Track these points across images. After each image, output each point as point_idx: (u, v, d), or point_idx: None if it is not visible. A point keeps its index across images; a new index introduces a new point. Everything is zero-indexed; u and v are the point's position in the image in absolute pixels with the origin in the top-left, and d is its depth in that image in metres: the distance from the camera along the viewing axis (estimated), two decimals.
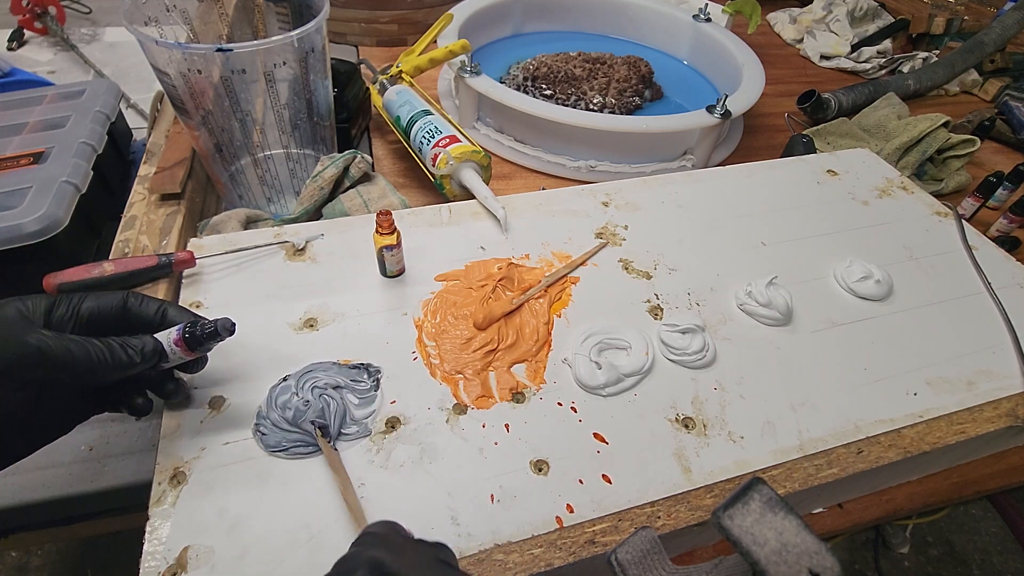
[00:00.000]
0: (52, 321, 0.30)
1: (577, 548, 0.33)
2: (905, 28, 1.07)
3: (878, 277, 0.48)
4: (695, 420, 0.39)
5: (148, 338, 0.32)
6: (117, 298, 0.33)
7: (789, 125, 0.87)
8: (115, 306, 0.32)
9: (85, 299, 0.32)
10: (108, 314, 0.32)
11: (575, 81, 0.79)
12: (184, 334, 0.32)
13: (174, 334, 0.32)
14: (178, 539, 0.31)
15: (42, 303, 0.30)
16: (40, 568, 1.12)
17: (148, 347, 0.31)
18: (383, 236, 0.43)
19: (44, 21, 0.83)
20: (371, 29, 0.91)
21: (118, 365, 0.30)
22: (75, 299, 0.31)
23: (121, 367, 0.30)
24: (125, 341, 0.31)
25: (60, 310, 0.31)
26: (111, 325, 0.32)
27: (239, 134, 0.52)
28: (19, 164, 0.48)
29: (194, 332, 0.32)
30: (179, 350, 0.32)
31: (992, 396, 0.42)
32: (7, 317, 0.28)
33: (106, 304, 0.32)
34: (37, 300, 0.30)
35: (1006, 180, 0.68)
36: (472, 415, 0.38)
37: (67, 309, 0.31)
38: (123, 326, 0.33)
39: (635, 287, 0.48)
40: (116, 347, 0.30)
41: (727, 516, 0.25)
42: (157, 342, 0.32)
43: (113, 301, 0.32)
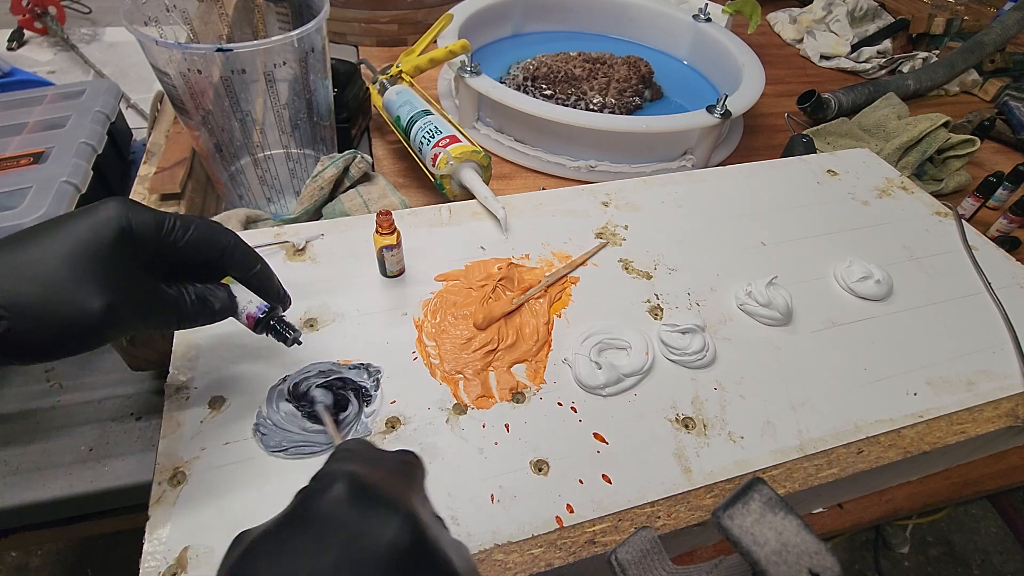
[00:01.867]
0: (159, 246, 0.29)
1: (577, 548, 0.33)
2: (905, 28, 1.07)
3: (878, 277, 0.48)
4: (695, 420, 0.39)
5: (223, 294, 0.32)
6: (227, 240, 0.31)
7: (789, 125, 0.87)
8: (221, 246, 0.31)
9: (195, 227, 0.30)
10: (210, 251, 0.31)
11: (575, 81, 0.79)
12: (260, 315, 0.34)
13: (252, 308, 0.33)
14: (178, 539, 0.31)
15: (151, 223, 0.28)
16: (40, 568, 1.12)
17: (226, 305, 0.32)
18: (383, 236, 0.43)
19: (44, 21, 0.82)
20: (371, 29, 0.91)
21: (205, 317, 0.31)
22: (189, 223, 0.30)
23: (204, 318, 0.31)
24: (211, 293, 0.31)
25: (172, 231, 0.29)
26: (208, 261, 0.31)
27: (239, 134, 0.52)
28: (19, 164, 0.48)
29: (267, 322, 0.34)
30: (248, 323, 0.34)
31: (992, 396, 0.42)
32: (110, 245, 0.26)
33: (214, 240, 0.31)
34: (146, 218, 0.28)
35: (1006, 180, 0.68)
36: (472, 415, 0.38)
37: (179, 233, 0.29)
38: (217, 267, 0.32)
39: (635, 287, 0.48)
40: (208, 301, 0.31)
41: (727, 516, 0.25)
42: (232, 301, 0.33)
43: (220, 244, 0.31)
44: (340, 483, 0.20)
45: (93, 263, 0.25)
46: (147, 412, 0.46)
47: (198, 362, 0.39)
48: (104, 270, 0.25)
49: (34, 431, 0.44)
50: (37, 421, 0.44)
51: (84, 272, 0.25)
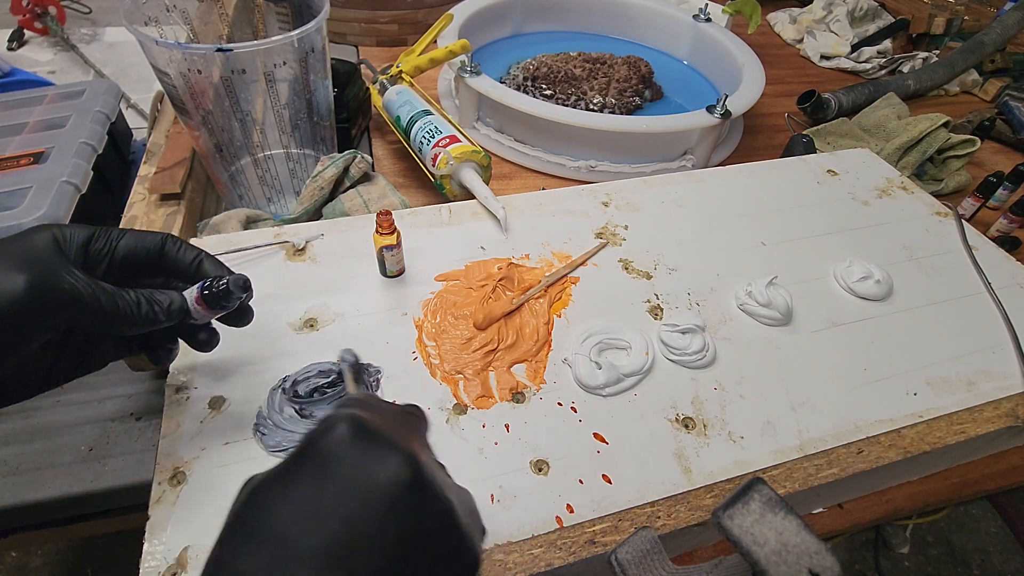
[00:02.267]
0: (89, 254, 0.29)
1: (577, 548, 0.33)
2: (905, 28, 1.07)
3: (878, 277, 0.48)
4: (695, 420, 0.39)
5: (176, 295, 0.31)
6: (156, 240, 0.32)
7: (789, 125, 0.87)
8: (153, 248, 0.31)
9: (124, 236, 0.31)
10: (145, 255, 0.31)
11: (575, 81, 0.79)
12: (203, 292, 0.31)
13: (195, 292, 0.31)
14: (178, 539, 0.31)
15: (81, 234, 0.29)
16: (40, 568, 1.12)
17: (175, 305, 0.30)
18: (383, 236, 0.43)
19: (44, 21, 0.82)
20: (371, 29, 0.91)
21: (145, 320, 0.29)
22: (115, 234, 0.30)
23: (147, 322, 0.29)
24: (152, 296, 0.30)
25: (98, 244, 0.30)
26: (146, 267, 0.31)
27: (239, 134, 0.52)
28: (19, 164, 0.48)
29: (211, 290, 0.31)
30: (201, 309, 0.31)
31: (992, 396, 0.42)
32: (41, 247, 0.27)
33: (144, 245, 0.31)
34: (77, 231, 0.29)
35: (1006, 180, 0.68)
36: (472, 415, 0.38)
37: (105, 244, 0.30)
38: (158, 270, 0.32)
39: (635, 287, 0.48)
40: (144, 303, 0.29)
41: (727, 516, 0.25)
42: (183, 300, 0.31)
43: (152, 243, 0.31)
44: (343, 423, 0.21)
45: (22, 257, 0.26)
46: (147, 412, 0.46)
47: (198, 362, 0.39)
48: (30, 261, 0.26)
49: (34, 431, 0.44)
50: (37, 421, 0.44)
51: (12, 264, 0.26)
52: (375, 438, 0.21)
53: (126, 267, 0.31)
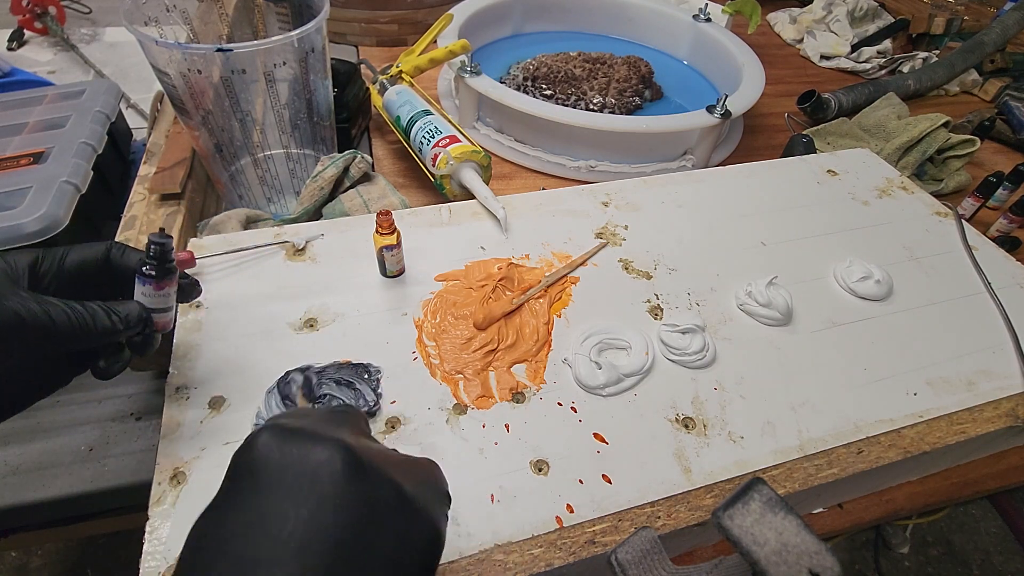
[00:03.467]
0: (37, 276, 0.29)
1: (577, 548, 0.33)
2: (905, 28, 1.07)
3: (878, 277, 0.48)
4: (695, 420, 0.39)
5: (134, 305, 0.30)
6: (101, 249, 0.32)
7: (789, 125, 0.87)
8: (98, 258, 0.31)
9: (69, 252, 0.31)
10: (92, 266, 0.31)
11: (575, 81, 0.79)
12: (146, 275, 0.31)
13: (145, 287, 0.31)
14: (178, 539, 0.31)
15: (25, 259, 0.29)
16: (40, 568, 1.12)
17: (133, 315, 0.30)
18: (383, 236, 0.43)
19: (44, 21, 0.83)
20: (371, 29, 0.91)
21: (102, 332, 0.29)
22: (59, 252, 0.31)
23: (105, 334, 0.29)
24: (110, 307, 0.29)
25: (44, 264, 0.30)
26: (97, 277, 0.31)
27: (239, 134, 0.52)
28: (19, 164, 0.48)
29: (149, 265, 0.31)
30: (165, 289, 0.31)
31: (992, 396, 0.42)
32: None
33: (90, 256, 0.31)
34: (20, 256, 0.29)
35: (1006, 180, 0.68)
36: (472, 415, 0.38)
37: (52, 263, 0.30)
38: (108, 278, 0.32)
39: (635, 287, 0.48)
40: (100, 313, 0.29)
41: (727, 516, 0.25)
42: (141, 306, 0.31)
43: (96, 252, 0.32)
44: (262, 433, 0.20)
45: None
46: (147, 412, 0.46)
47: (198, 362, 0.39)
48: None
49: (34, 431, 0.44)
50: (37, 421, 0.44)
51: None
52: (296, 435, 0.20)
53: (78, 281, 0.31)
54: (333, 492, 0.19)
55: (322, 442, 0.20)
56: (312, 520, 0.18)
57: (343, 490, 0.19)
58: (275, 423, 0.21)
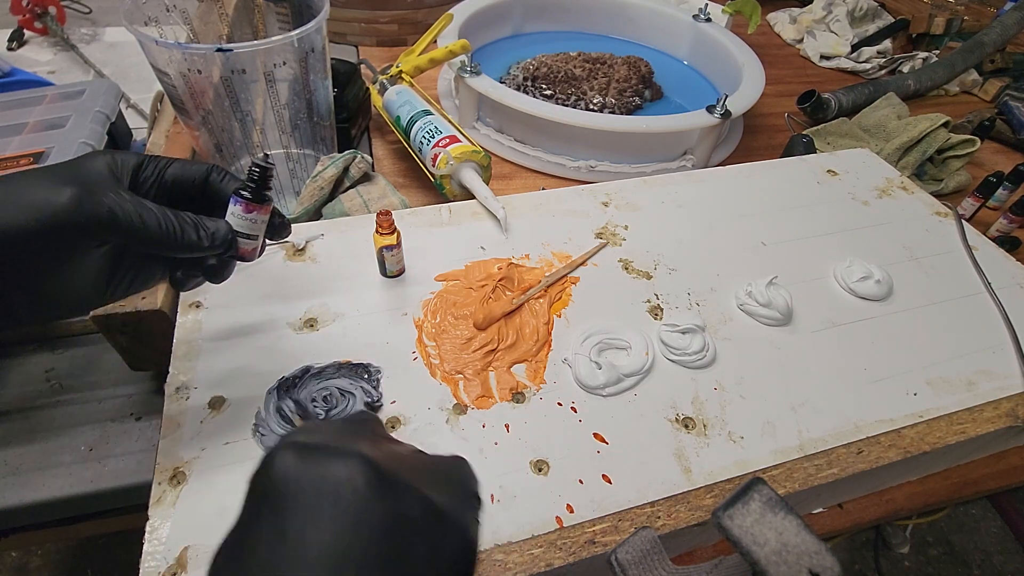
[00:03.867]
0: (138, 180, 0.30)
1: (577, 548, 0.33)
2: (905, 28, 1.07)
3: (878, 277, 0.48)
4: (695, 420, 0.39)
5: (223, 223, 0.31)
6: (202, 169, 0.32)
7: (789, 125, 0.87)
8: (198, 177, 0.32)
9: (172, 164, 0.31)
10: (191, 183, 0.32)
11: (575, 81, 0.79)
12: (242, 196, 0.31)
13: (237, 207, 0.31)
14: (178, 539, 0.31)
15: (132, 160, 0.30)
16: (40, 568, 1.12)
17: (221, 232, 0.30)
18: (383, 236, 0.43)
19: (44, 21, 0.82)
20: (371, 29, 0.91)
21: (188, 244, 0.29)
22: (162, 162, 0.31)
23: (190, 247, 0.29)
24: (200, 221, 0.30)
25: (147, 171, 0.30)
26: (193, 195, 0.32)
27: (239, 134, 0.52)
28: (19, 164, 0.48)
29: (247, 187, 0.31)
30: (255, 214, 0.32)
31: (992, 396, 0.42)
32: (95, 170, 0.28)
33: (190, 173, 0.32)
34: (127, 157, 0.30)
35: (1006, 180, 0.68)
36: (472, 415, 0.38)
37: (153, 170, 0.31)
38: (205, 199, 0.32)
39: (635, 287, 0.48)
40: (189, 225, 0.29)
41: (727, 516, 0.25)
42: (229, 227, 0.31)
43: (197, 172, 0.32)
44: (280, 452, 0.20)
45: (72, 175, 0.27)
46: (147, 412, 0.46)
47: (198, 362, 0.39)
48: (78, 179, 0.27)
49: (34, 431, 0.44)
50: (37, 421, 0.44)
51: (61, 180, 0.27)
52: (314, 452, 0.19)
53: (174, 193, 0.31)
54: (357, 511, 0.18)
55: (342, 457, 0.19)
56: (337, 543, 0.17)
57: (367, 508, 0.18)
58: (291, 440, 0.20)
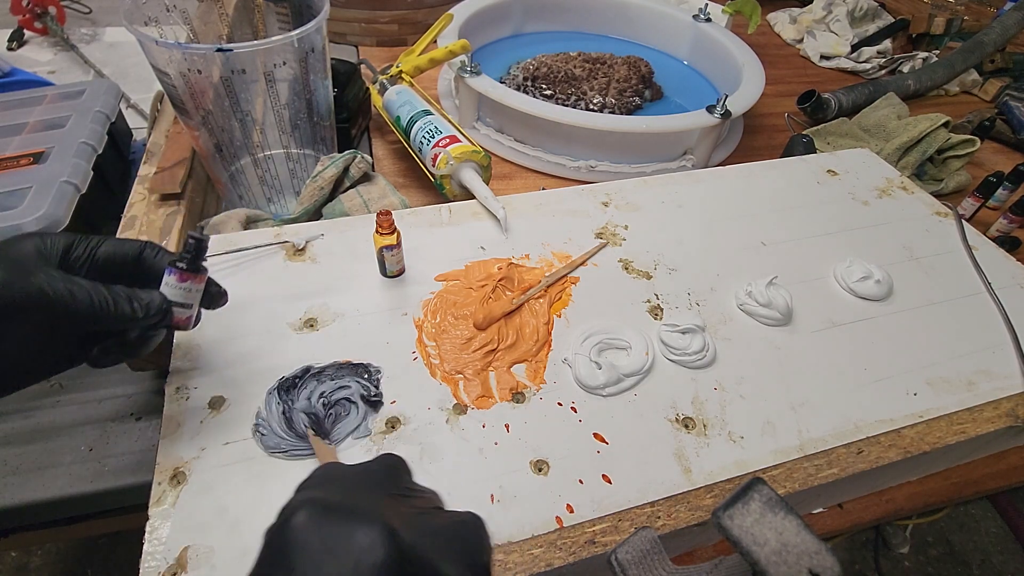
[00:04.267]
0: (68, 260, 0.30)
1: (577, 548, 0.33)
2: (905, 28, 1.07)
3: (878, 277, 0.48)
4: (695, 420, 0.39)
5: (157, 294, 0.31)
6: (135, 247, 0.32)
7: (789, 125, 0.87)
8: (131, 254, 0.32)
9: (103, 243, 0.32)
10: (124, 261, 0.32)
11: (575, 81, 0.79)
12: (177, 266, 0.32)
13: (171, 277, 0.32)
14: (178, 539, 0.31)
15: (61, 242, 0.30)
16: (40, 568, 1.12)
17: (155, 302, 0.31)
18: (383, 236, 0.43)
19: (44, 21, 0.82)
20: (371, 29, 0.91)
21: (121, 316, 0.29)
22: (93, 241, 0.31)
23: (124, 318, 0.29)
24: (133, 293, 0.30)
25: (77, 251, 0.31)
26: (126, 273, 0.32)
27: (239, 134, 0.52)
28: (19, 164, 0.48)
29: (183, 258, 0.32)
30: (188, 283, 0.32)
31: (992, 396, 0.42)
32: (23, 251, 0.28)
33: (123, 251, 0.32)
34: (57, 238, 0.30)
35: (1006, 180, 0.68)
36: (472, 415, 0.38)
37: (84, 250, 0.31)
38: (138, 276, 0.32)
39: (635, 287, 0.48)
40: (122, 298, 0.29)
41: (727, 516, 0.25)
42: (164, 298, 0.31)
43: (130, 249, 0.32)
44: (301, 511, 0.20)
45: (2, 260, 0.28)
46: (147, 412, 0.46)
47: (198, 362, 0.39)
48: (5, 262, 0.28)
49: (34, 431, 0.44)
50: (37, 421, 0.44)
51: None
52: (337, 518, 0.19)
53: (106, 272, 0.31)
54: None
55: (365, 524, 0.19)
56: None
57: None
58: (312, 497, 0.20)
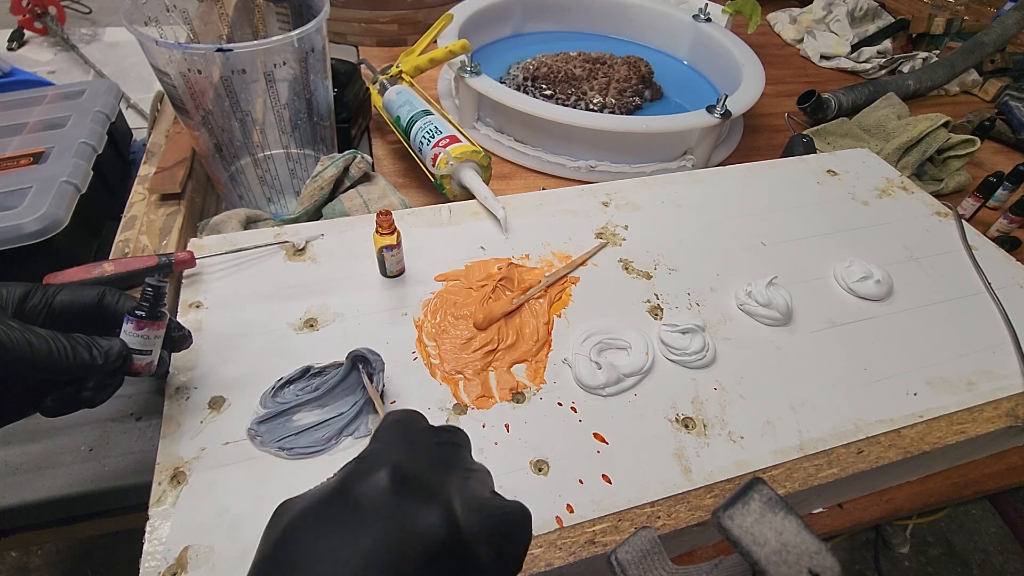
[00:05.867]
0: (24, 310, 0.30)
1: (577, 548, 0.33)
2: (905, 28, 1.07)
3: (878, 277, 0.48)
4: (695, 420, 0.39)
5: (117, 341, 0.31)
6: (93, 293, 0.32)
7: (789, 125, 0.87)
8: (90, 302, 0.32)
9: (61, 291, 0.31)
10: (82, 309, 0.32)
11: (575, 81, 0.79)
12: (135, 315, 0.31)
13: (129, 325, 0.31)
14: (178, 539, 0.31)
15: (17, 291, 0.30)
16: (40, 568, 1.12)
17: (115, 350, 0.30)
18: (383, 236, 0.43)
19: (44, 21, 0.82)
20: (371, 29, 0.91)
21: (80, 364, 0.29)
22: (50, 290, 0.31)
23: (83, 367, 0.29)
24: (92, 341, 0.30)
25: (34, 300, 0.30)
26: (86, 320, 0.32)
27: (239, 134, 0.52)
28: (19, 164, 0.48)
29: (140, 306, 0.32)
30: (147, 330, 0.32)
31: (992, 396, 0.42)
32: None
33: (81, 299, 0.32)
34: (12, 288, 0.30)
35: (1006, 180, 0.68)
36: (472, 415, 0.38)
37: (40, 299, 0.30)
38: (99, 322, 0.32)
39: (635, 287, 0.48)
40: (80, 346, 0.29)
41: (727, 516, 0.25)
42: (124, 344, 0.31)
43: (89, 296, 0.32)
44: (383, 471, 0.21)
45: None
46: (147, 412, 0.46)
47: (198, 362, 0.39)
48: None
49: (34, 431, 0.44)
50: (37, 421, 0.44)
51: None
52: (413, 489, 0.21)
53: (64, 320, 0.31)
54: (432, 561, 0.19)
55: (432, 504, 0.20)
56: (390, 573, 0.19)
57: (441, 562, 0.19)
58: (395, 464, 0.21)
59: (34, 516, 0.41)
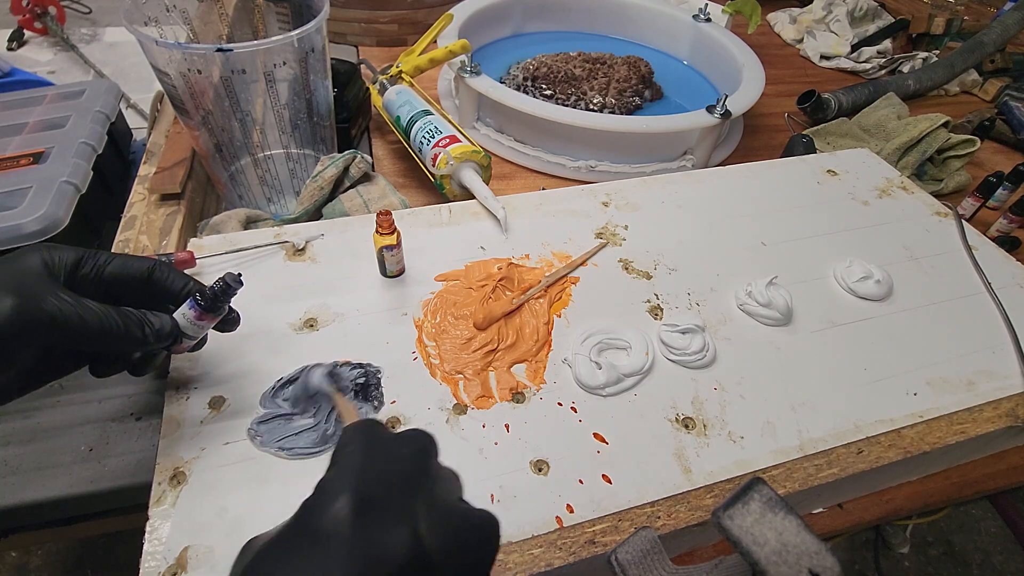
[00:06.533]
0: (76, 277, 0.30)
1: (577, 548, 0.33)
2: (905, 28, 1.06)
3: (878, 277, 0.48)
4: (695, 420, 0.39)
5: (168, 319, 0.31)
6: (143, 266, 0.32)
7: (789, 125, 0.87)
8: (140, 275, 0.32)
9: (112, 260, 0.31)
10: (132, 280, 0.32)
11: (575, 81, 0.79)
12: (199, 303, 0.32)
13: (190, 311, 0.32)
14: (178, 539, 0.31)
15: (70, 257, 0.30)
16: (40, 568, 1.12)
17: (166, 328, 0.31)
18: (383, 236, 0.43)
19: (44, 21, 0.82)
20: (371, 29, 0.91)
21: (132, 340, 0.29)
22: (102, 259, 0.31)
23: (134, 343, 0.29)
24: (144, 318, 0.30)
25: (86, 268, 0.30)
26: (135, 291, 0.32)
27: (239, 134, 0.52)
28: (19, 164, 0.48)
29: (207, 296, 0.32)
30: (205, 322, 0.32)
31: (992, 396, 0.42)
32: (30, 268, 0.28)
33: (132, 270, 0.32)
34: (65, 254, 0.30)
35: (1006, 180, 0.68)
36: (472, 415, 0.38)
37: (92, 268, 0.30)
38: (147, 294, 0.32)
39: (635, 287, 0.48)
40: (133, 322, 0.29)
41: (727, 516, 0.25)
42: (175, 325, 0.31)
43: (139, 269, 0.32)
44: (342, 498, 0.20)
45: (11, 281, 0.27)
46: (147, 412, 0.46)
47: (198, 362, 0.39)
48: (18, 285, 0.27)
49: (34, 431, 0.44)
50: (37, 421, 0.44)
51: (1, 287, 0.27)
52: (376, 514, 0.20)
53: (114, 290, 0.31)
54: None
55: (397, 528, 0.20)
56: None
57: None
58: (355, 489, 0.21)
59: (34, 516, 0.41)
